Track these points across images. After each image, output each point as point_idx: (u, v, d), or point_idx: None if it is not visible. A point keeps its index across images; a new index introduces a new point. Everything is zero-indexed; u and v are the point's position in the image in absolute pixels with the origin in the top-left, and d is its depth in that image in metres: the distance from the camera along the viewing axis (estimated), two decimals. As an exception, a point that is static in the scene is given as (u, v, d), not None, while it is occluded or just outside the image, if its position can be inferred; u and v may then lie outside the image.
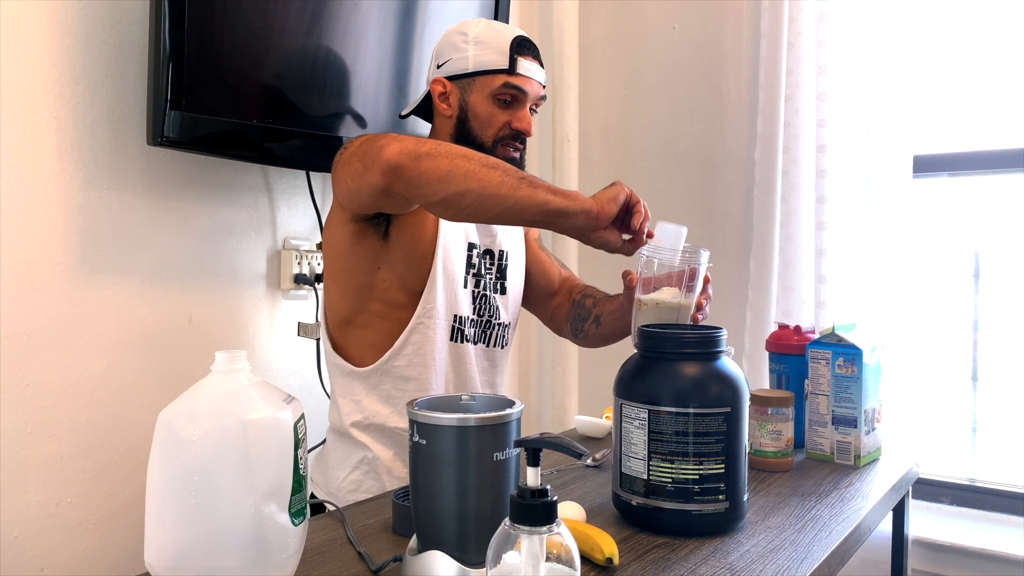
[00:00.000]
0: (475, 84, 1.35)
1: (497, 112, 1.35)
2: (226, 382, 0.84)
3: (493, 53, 1.34)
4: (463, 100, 1.36)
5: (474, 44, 1.34)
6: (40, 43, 1.34)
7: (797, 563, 0.98)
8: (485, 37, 1.34)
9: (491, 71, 1.33)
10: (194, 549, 0.79)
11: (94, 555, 1.43)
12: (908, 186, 1.84)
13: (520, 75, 1.34)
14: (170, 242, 1.53)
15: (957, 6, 1.90)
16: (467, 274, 1.38)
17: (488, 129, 1.35)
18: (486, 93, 1.34)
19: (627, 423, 1.08)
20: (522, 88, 1.34)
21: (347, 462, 1.36)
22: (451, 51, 1.36)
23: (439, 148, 1.12)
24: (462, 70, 1.35)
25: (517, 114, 1.36)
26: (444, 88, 1.37)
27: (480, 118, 1.35)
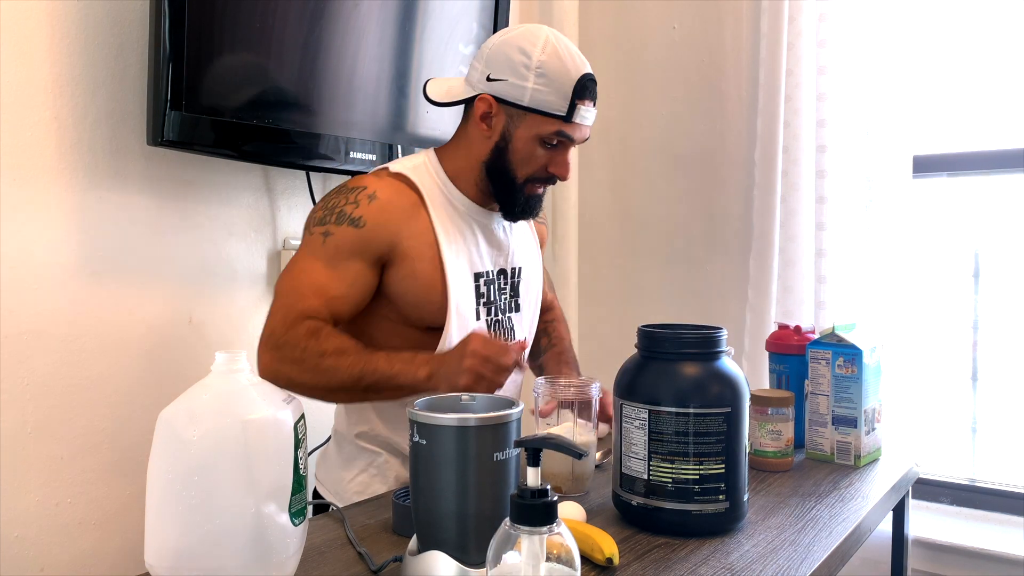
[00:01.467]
0: (525, 119, 1.24)
1: (539, 154, 1.26)
2: (226, 382, 0.84)
3: (554, 94, 1.21)
4: (507, 130, 1.25)
5: (536, 76, 1.21)
6: (40, 43, 1.34)
7: (797, 563, 0.98)
8: (550, 70, 1.21)
9: (547, 114, 1.22)
10: (194, 549, 0.79)
11: (94, 555, 1.43)
12: (908, 186, 1.84)
13: (575, 124, 1.24)
14: (170, 242, 1.53)
15: (957, 6, 1.90)
16: (478, 305, 1.33)
17: (525, 168, 1.27)
18: (534, 133, 1.24)
19: (627, 423, 1.08)
20: (572, 137, 1.25)
21: (354, 464, 1.36)
22: (509, 72, 1.22)
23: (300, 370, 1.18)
24: (516, 99, 1.22)
25: (557, 158, 1.27)
26: (490, 108, 1.25)
27: (520, 155, 1.26)
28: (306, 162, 1.62)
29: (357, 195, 1.25)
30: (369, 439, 1.34)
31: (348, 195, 1.26)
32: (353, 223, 1.23)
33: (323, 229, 1.24)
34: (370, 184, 1.26)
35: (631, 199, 2.29)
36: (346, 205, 1.24)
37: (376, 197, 1.25)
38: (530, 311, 1.46)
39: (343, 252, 1.23)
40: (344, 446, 1.37)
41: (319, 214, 1.26)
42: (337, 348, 1.18)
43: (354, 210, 1.23)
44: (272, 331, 1.20)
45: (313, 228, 1.25)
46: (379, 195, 1.25)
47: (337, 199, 1.26)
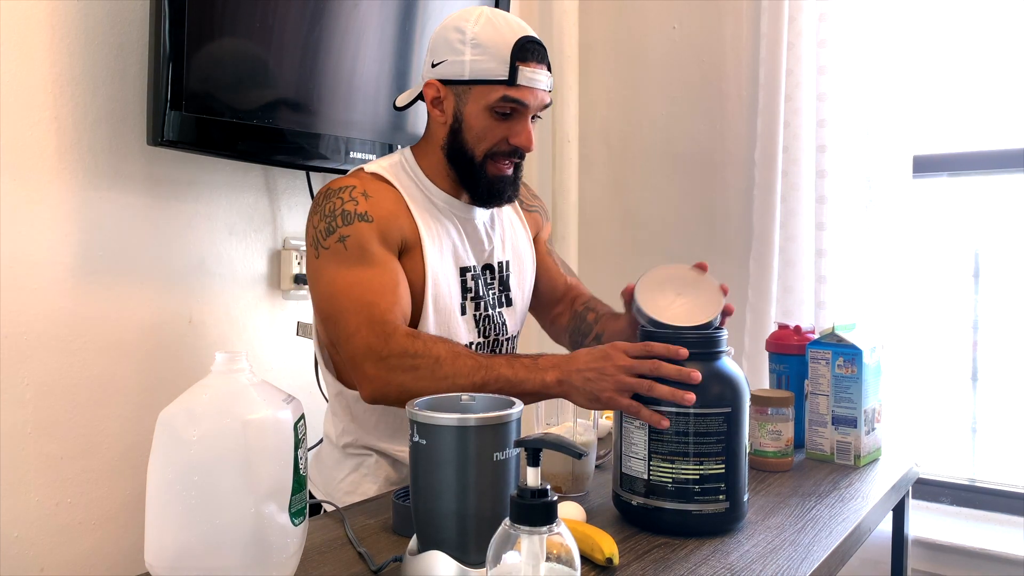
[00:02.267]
0: (471, 93, 1.23)
1: (494, 125, 1.24)
2: (226, 382, 0.84)
3: (492, 60, 1.20)
4: (458, 109, 1.25)
5: (471, 47, 1.20)
6: (40, 43, 1.34)
7: (797, 563, 0.98)
8: (484, 39, 1.20)
9: (489, 81, 1.21)
10: (194, 549, 0.79)
11: (94, 555, 1.43)
12: (908, 186, 1.84)
13: (521, 87, 1.21)
14: (170, 242, 1.53)
15: (957, 6, 1.90)
16: (464, 300, 1.32)
17: (482, 143, 1.25)
18: (482, 105, 1.22)
19: (627, 423, 1.08)
20: (522, 101, 1.22)
21: (344, 464, 1.36)
22: (447, 51, 1.23)
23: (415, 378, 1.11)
24: (457, 76, 1.22)
25: (515, 127, 1.24)
26: (438, 92, 1.25)
27: (474, 131, 1.24)
28: (306, 162, 1.62)
29: (351, 193, 1.23)
30: (356, 447, 1.34)
31: (341, 196, 1.23)
32: (362, 218, 1.21)
33: (336, 236, 1.20)
34: (356, 183, 1.25)
35: (631, 199, 2.29)
36: (345, 205, 1.22)
37: (369, 194, 1.24)
38: (522, 304, 1.44)
39: (369, 247, 1.20)
40: (333, 451, 1.37)
41: (322, 225, 1.22)
42: (450, 352, 1.13)
43: (356, 207, 1.22)
44: (369, 345, 1.14)
45: (325, 240, 1.21)
46: (370, 192, 1.24)
47: (331, 203, 1.23)
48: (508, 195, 1.31)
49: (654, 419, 1.04)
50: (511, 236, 1.43)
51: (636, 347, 1.08)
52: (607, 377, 1.07)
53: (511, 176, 1.30)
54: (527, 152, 1.28)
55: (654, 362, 1.06)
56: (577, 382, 1.09)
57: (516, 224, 1.46)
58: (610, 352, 1.09)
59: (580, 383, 1.09)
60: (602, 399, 1.07)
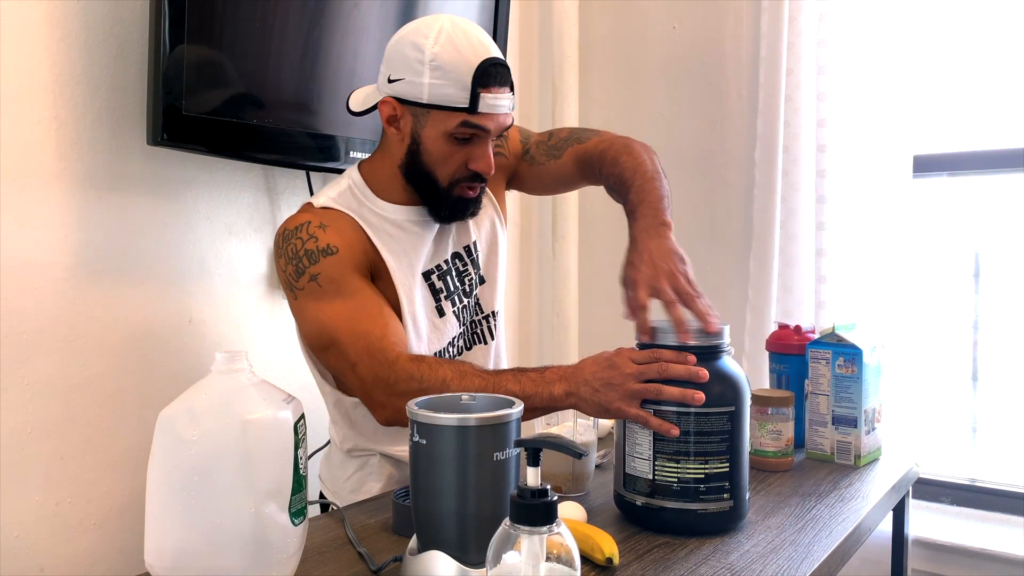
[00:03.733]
0: (429, 117, 1.18)
1: (453, 151, 1.20)
2: (226, 382, 0.84)
3: (452, 86, 1.15)
4: (415, 130, 1.20)
5: (431, 69, 1.14)
6: (40, 43, 1.34)
7: (797, 563, 0.98)
8: (444, 62, 1.14)
9: (448, 108, 1.16)
10: (194, 549, 0.79)
11: (94, 555, 1.43)
12: (908, 186, 1.84)
13: (482, 114, 1.17)
14: (170, 242, 1.53)
15: (957, 6, 1.90)
16: (438, 303, 1.31)
17: (442, 168, 1.22)
18: (441, 131, 1.18)
19: (631, 423, 1.08)
20: (483, 127, 1.18)
21: (348, 464, 1.37)
22: (405, 70, 1.17)
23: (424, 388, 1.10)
24: (415, 98, 1.17)
25: (475, 152, 1.21)
26: (394, 111, 1.20)
27: (433, 155, 1.21)
28: (306, 162, 1.62)
29: (307, 230, 1.20)
30: (359, 451, 1.35)
31: (299, 236, 1.20)
32: (326, 253, 1.19)
33: (307, 276, 1.18)
34: (311, 218, 1.22)
35: (631, 199, 2.28)
36: (306, 244, 1.19)
37: (326, 225, 1.21)
38: (497, 278, 1.42)
39: (342, 279, 1.19)
40: (338, 453, 1.39)
41: (290, 268, 1.20)
42: (456, 373, 1.12)
43: (316, 244, 1.19)
44: (375, 375, 1.14)
45: (298, 283, 1.19)
46: (327, 223, 1.22)
47: (292, 244, 1.20)
48: (470, 212, 1.30)
49: (663, 428, 1.04)
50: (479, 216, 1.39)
51: (643, 354, 1.08)
52: (615, 387, 1.07)
53: (476, 198, 1.28)
54: (487, 177, 1.25)
55: (662, 364, 1.06)
56: (586, 394, 1.09)
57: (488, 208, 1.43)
58: (616, 360, 1.08)
59: (588, 395, 1.09)
60: (611, 410, 1.07)
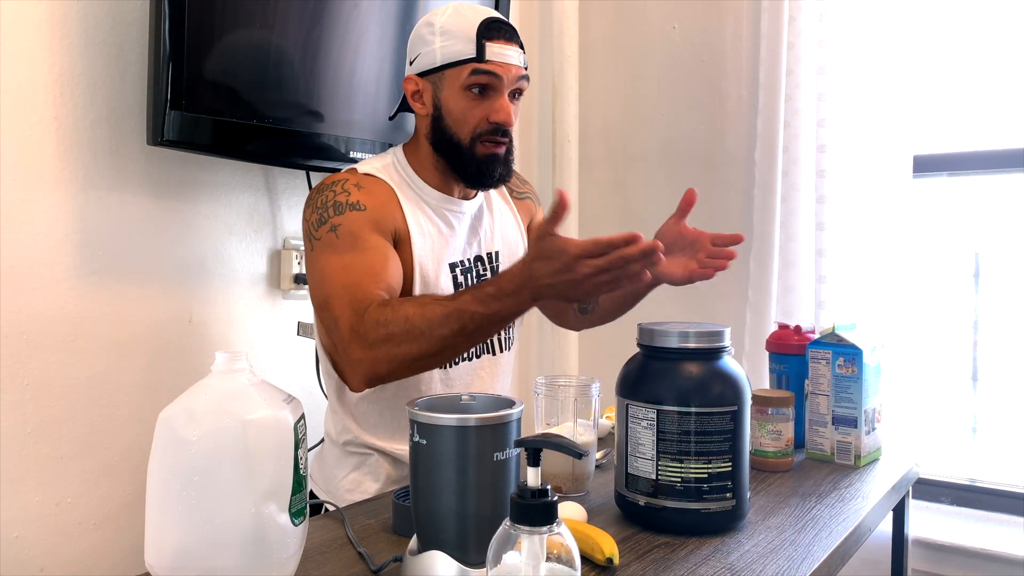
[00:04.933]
0: (445, 78, 1.25)
1: (472, 106, 1.25)
2: (226, 382, 0.84)
3: (459, 42, 1.23)
4: (436, 97, 1.27)
5: (440, 35, 1.24)
6: (40, 43, 1.34)
7: (797, 563, 0.98)
8: (451, 25, 1.24)
9: (459, 62, 1.23)
10: (194, 549, 0.79)
11: (94, 555, 1.43)
12: (908, 186, 1.84)
13: (490, 61, 1.23)
14: (170, 242, 1.53)
15: (957, 6, 1.90)
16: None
17: (464, 126, 1.26)
18: (457, 87, 1.24)
19: (634, 423, 1.08)
20: (495, 73, 1.23)
21: (345, 463, 1.36)
22: (420, 45, 1.27)
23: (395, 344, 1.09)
24: (431, 64, 1.25)
25: (494, 105, 1.25)
26: (417, 86, 1.28)
27: (454, 114, 1.26)
28: (306, 162, 1.62)
29: (344, 185, 1.24)
30: (356, 445, 1.34)
31: (334, 188, 1.24)
32: (354, 207, 1.22)
33: (328, 226, 1.21)
34: (350, 176, 1.27)
35: (631, 199, 2.29)
36: (338, 196, 1.23)
37: (362, 186, 1.25)
38: None
39: (361, 234, 1.20)
40: (334, 449, 1.38)
41: (314, 217, 1.23)
42: (417, 307, 1.10)
43: (348, 198, 1.23)
44: (350, 326, 1.13)
45: (317, 232, 1.22)
46: (363, 184, 1.25)
47: (324, 196, 1.24)
48: (499, 174, 1.30)
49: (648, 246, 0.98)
50: (501, 226, 1.43)
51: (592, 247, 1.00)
52: (578, 283, 1.02)
53: (502, 156, 1.29)
54: (508, 127, 1.27)
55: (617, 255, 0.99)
56: (551, 294, 1.05)
57: (506, 213, 1.46)
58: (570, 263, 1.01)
59: (554, 294, 1.05)
60: (580, 298, 1.05)
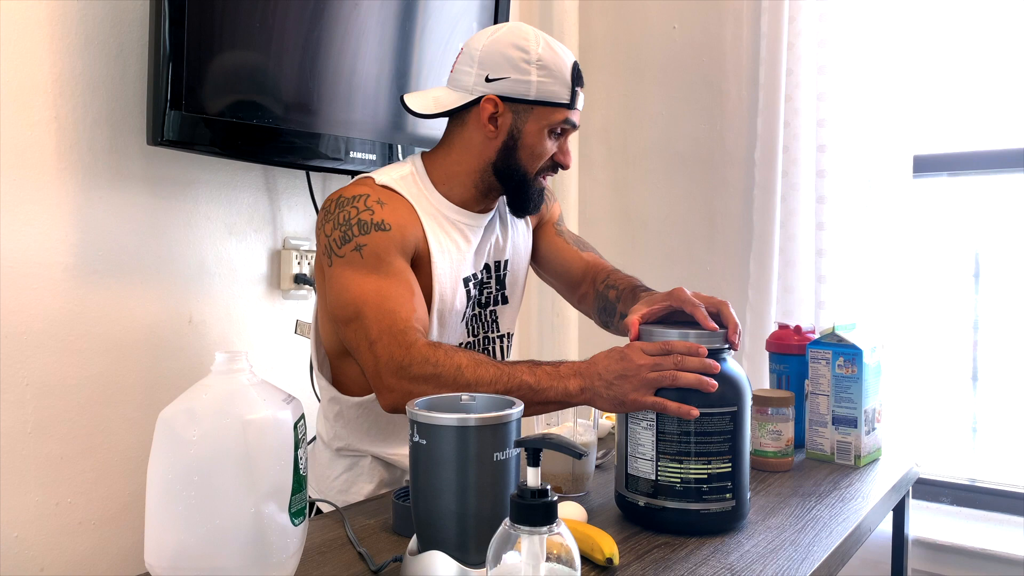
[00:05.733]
0: (533, 113, 1.25)
1: (548, 145, 1.28)
2: (226, 382, 0.84)
3: (557, 84, 1.24)
4: (515, 127, 1.26)
5: (538, 68, 1.23)
6: (40, 43, 1.34)
7: (797, 563, 0.98)
8: (549, 62, 1.23)
9: (554, 104, 1.25)
10: (194, 549, 0.79)
11: (94, 555, 1.43)
12: (908, 186, 1.84)
13: (577, 110, 1.28)
14: (170, 242, 1.53)
15: (957, 6, 1.90)
16: (467, 308, 1.33)
17: (536, 162, 1.28)
18: (543, 125, 1.26)
19: (633, 424, 1.08)
20: (576, 123, 1.29)
21: (337, 464, 1.36)
22: (510, 69, 1.23)
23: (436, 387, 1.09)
24: (522, 95, 1.24)
25: (563, 147, 1.31)
26: (496, 108, 1.25)
27: (529, 149, 1.27)
28: (306, 162, 1.62)
29: (365, 202, 1.22)
30: (349, 450, 1.34)
31: (356, 204, 1.22)
32: (379, 227, 1.20)
33: (352, 245, 1.19)
34: (370, 192, 1.24)
35: (631, 199, 2.29)
36: (360, 214, 1.20)
37: (384, 203, 1.23)
38: (516, 302, 1.45)
39: (386, 256, 1.19)
40: (326, 451, 1.37)
41: (336, 234, 1.20)
42: (471, 361, 1.11)
43: (371, 216, 1.20)
44: (391, 355, 1.12)
45: (340, 249, 1.19)
46: (385, 201, 1.23)
47: (345, 212, 1.21)
48: (541, 204, 1.37)
49: (683, 411, 1.04)
50: (512, 234, 1.43)
51: (654, 346, 1.08)
52: (629, 378, 1.07)
53: (543, 188, 1.35)
54: (566, 169, 1.33)
55: (676, 356, 1.06)
56: (600, 388, 1.09)
57: (519, 222, 1.46)
58: (628, 353, 1.09)
59: (602, 389, 1.09)
60: (627, 402, 1.07)
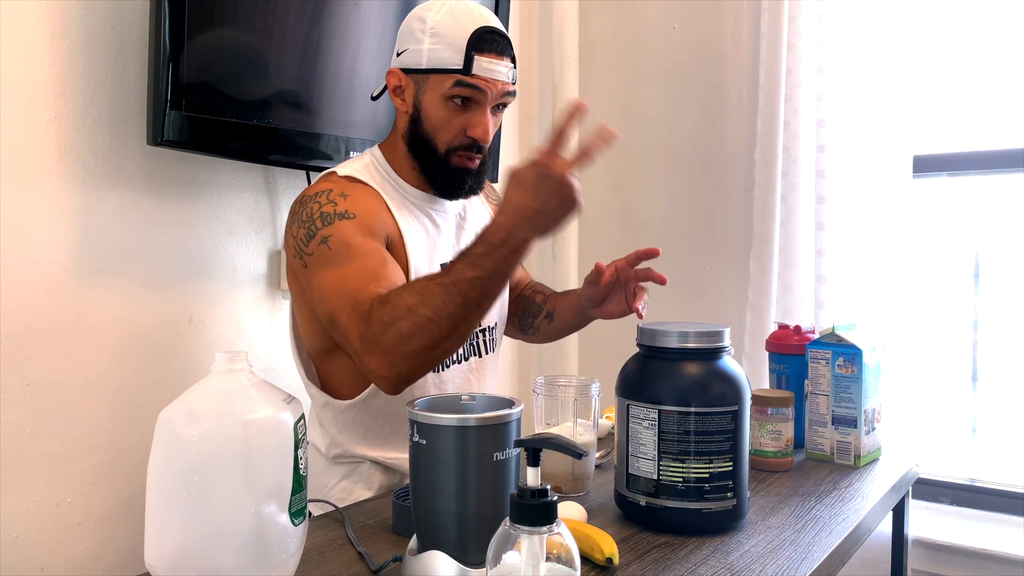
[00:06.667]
0: (428, 82, 1.23)
1: (451, 116, 1.23)
2: (226, 382, 0.84)
3: (448, 50, 1.20)
4: (417, 98, 1.24)
5: (430, 36, 1.20)
6: (40, 43, 1.34)
7: (797, 563, 0.98)
8: (443, 28, 1.20)
9: (444, 70, 1.20)
10: (194, 549, 0.79)
11: (94, 555, 1.43)
12: (908, 186, 1.84)
13: (476, 76, 1.20)
14: (170, 242, 1.53)
15: (957, 6, 1.90)
16: None
17: (441, 134, 1.24)
18: (439, 94, 1.22)
19: (635, 423, 1.08)
20: (479, 87, 1.21)
21: (334, 472, 1.34)
22: (409, 40, 1.23)
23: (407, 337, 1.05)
24: (416, 64, 1.22)
25: (473, 119, 1.23)
26: (399, 81, 1.25)
27: (432, 120, 1.24)
28: (306, 162, 1.62)
29: (327, 196, 1.20)
30: (346, 457, 1.33)
31: (318, 200, 1.20)
32: (342, 216, 1.18)
33: (318, 239, 1.17)
34: (332, 187, 1.22)
35: (631, 199, 2.29)
36: (323, 208, 1.19)
37: (347, 194, 1.21)
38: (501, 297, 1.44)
39: (353, 241, 1.16)
40: (321, 460, 1.35)
41: (301, 232, 1.19)
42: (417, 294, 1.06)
43: (335, 208, 1.18)
44: (360, 337, 1.09)
45: (308, 247, 1.18)
46: (348, 192, 1.22)
47: (308, 208, 1.20)
48: (469, 187, 1.30)
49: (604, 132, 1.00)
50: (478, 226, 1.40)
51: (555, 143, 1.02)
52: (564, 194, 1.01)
53: (474, 170, 1.28)
54: (484, 144, 1.26)
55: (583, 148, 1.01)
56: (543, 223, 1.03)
57: (483, 215, 1.45)
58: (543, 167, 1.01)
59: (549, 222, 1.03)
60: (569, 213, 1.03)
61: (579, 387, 1.27)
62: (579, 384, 1.27)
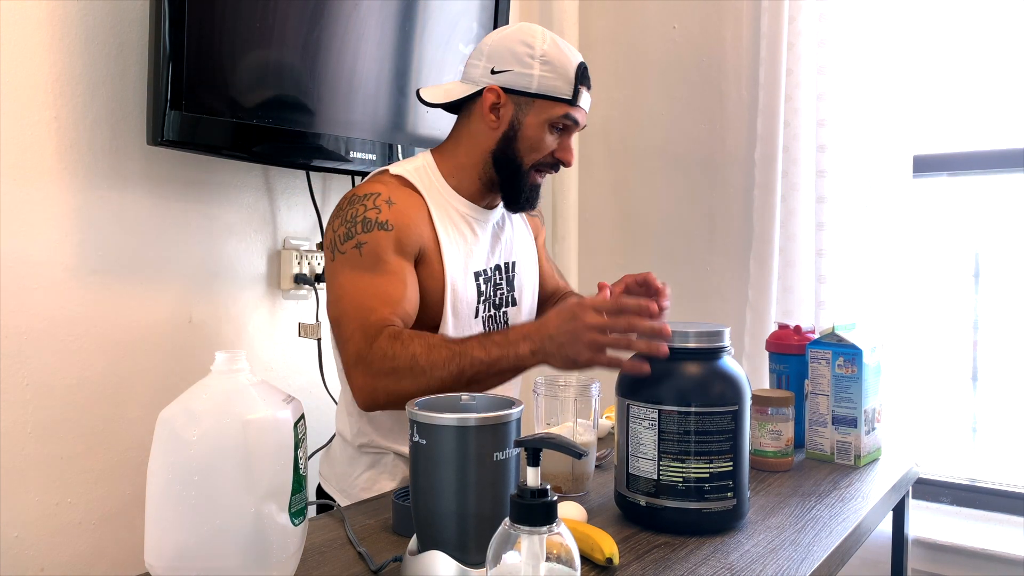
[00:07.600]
0: (534, 106, 1.29)
1: (547, 139, 1.30)
2: (226, 382, 0.84)
3: (560, 80, 1.27)
4: (516, 118, 1.29)
5: (541, 63, 1.27)
6: (40, 43, 1.34)
7: (797, 563, 0.98)
8: (553, 58, 1.27)
9: (555, 98, 1.28)
10: (194, 549, 0.79)
11: (94, 555, 1.43)
12: (908, 186, 1.84)
13: (580, 108, 1.30)
14: (170, 242, 1.53)
15: (957, 6, 1.90)
16: (478, 303, 1.34)
17: (533, 154, 1.31)
18: (543, 119, 1.29)
19: (635, 423, 1.08)
20: (578, 120, 1.31)
21: (360, 461, 1.36)
22: (514, 62, 1.28)
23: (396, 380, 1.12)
24: (524, 88, 1.28)
25: (564, 143, 1.32)
26: (498, 99, 1.29)
27: (529, 141, 1.30)
28: (306, 162, 1.63)
29: (375, 201, 1.24)
30: (372, 447, 1.35)
31: (364, 203, 1.24)
32: (381, 227, 1.22)
33: (354, 242, 1.22)
34: (382, 190, 1.26)
35: (631, 199, 2.29)
36: (367, 212, 1.23)
37: (393, 201, 1.25)
38: (527, 304, 1.46)
39: (384, 255, 1.22)
40: (347, 449, 1.38)
41: (341, 230, 1.23)
42: (424, 347, 1.13)
43: (377, 215, 1.23)
44: (357, 351, 1.16)
45: (343, 246, 1.22)
46: (395, 199, 1.25)
47: (354, 209, 1.24)
48: (535, 202, 1.38)
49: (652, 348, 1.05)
50: (519, 238, 1.46)
51: (606, 304, 1.08)
52: (579, 340, 1.07)
53: (540, 186, 1.36)
54: (568, 166, 1.36)
55: (628, 319, 1.06)
56: (552, 349, 1.10)
57: (521, 226, 1.49)
58: (578, 312, 1.09)
59: (555, 350, 1.10)
60: (580, 362, 1.08)
61: (579, 387, 1.27)
62: (579, 384, 1.27)
